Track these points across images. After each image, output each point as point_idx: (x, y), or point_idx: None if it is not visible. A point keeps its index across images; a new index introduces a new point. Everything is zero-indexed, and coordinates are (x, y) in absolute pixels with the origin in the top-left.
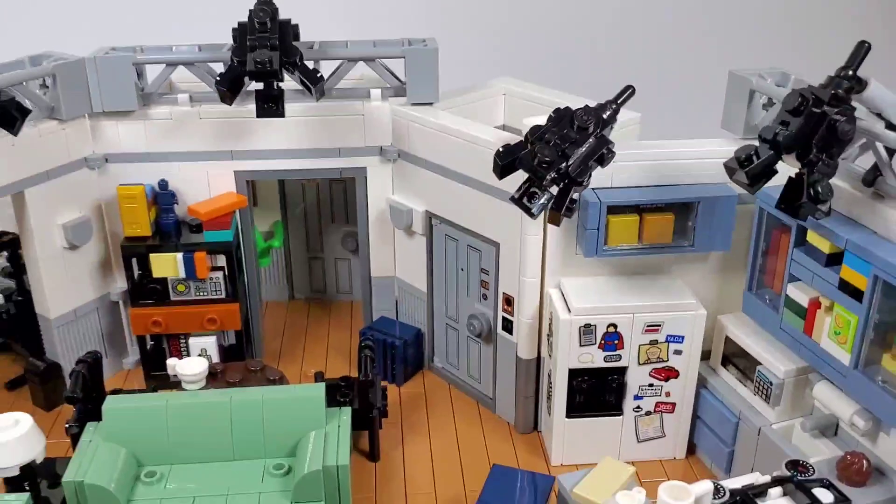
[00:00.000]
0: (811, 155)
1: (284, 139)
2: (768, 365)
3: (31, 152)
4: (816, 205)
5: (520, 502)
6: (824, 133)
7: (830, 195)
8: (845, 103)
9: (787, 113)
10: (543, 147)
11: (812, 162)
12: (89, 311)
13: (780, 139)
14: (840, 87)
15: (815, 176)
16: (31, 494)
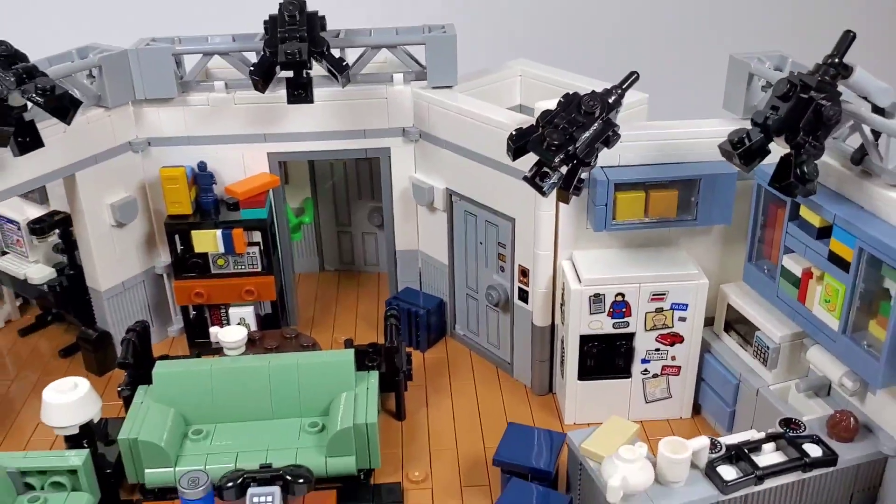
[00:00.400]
0: (798, 137)
1: (313, 122)
2: (766, 330)
3: (80, 138)
4: (803, 184)
5: (534, 457)
6: (811, 117)
7: (816, 175)
8: (831, 89)
9: (777, 98)
10: (553, 131)
11: (799, 144)
12: (136, 284)
13: (770, 123)
14: (827, 74)
15: (803, 157)
16: (89, 451)
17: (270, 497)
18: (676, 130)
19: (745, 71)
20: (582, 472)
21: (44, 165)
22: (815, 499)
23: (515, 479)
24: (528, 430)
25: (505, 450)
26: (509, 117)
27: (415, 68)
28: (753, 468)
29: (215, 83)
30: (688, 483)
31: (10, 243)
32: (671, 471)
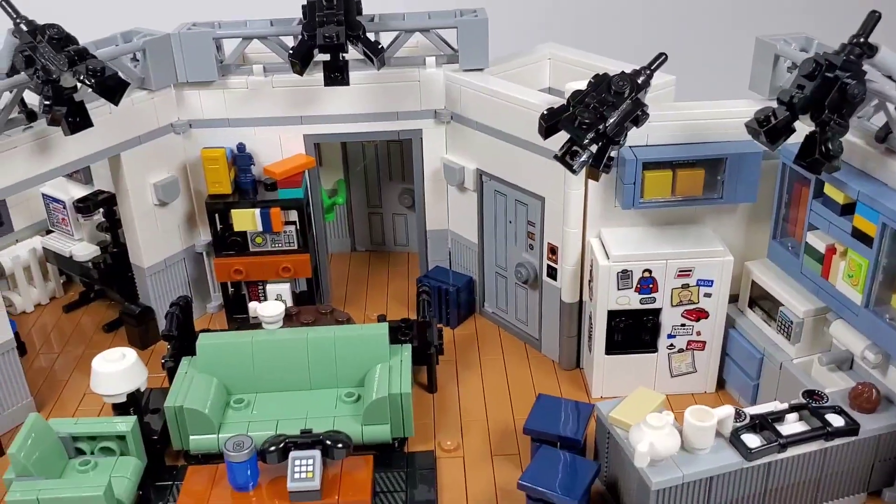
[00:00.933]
0: (824, 115)
1: (348, 105)
2: (789, 306)
3: (124, 119)
4: (828, 161)
5: (563, 426)
6: (836, 95)
7: (840, 151)
8: (857, 68)
9: (802, 77)
10: (583, 110)
11: (824, 122)
12: (177, 262)
13: (796, 101)
14: (852, 54)
15: (828, 134)
16: (137, 418)
17: (311, 460)
18: (703, 111)
19: (771, 52)
20: (610, 440)
21: (91, 145)
22: (837, 468)
23: (545, 447)
24: (557, 401)
25: (535, 419)
26: (540, 98)
27: (447, 52)
28: (777, 436)
29: (254, 67)
30: (713, 450)
31: (55, 222)
32: (697, 438)
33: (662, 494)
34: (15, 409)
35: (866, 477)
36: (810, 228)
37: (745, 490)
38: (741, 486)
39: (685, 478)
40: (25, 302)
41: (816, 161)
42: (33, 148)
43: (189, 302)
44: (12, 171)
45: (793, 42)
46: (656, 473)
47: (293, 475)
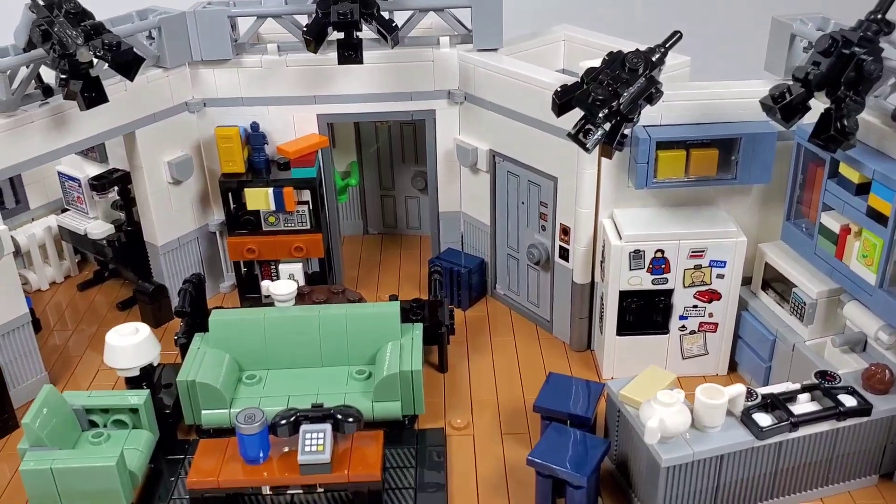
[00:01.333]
0: (839, 92)
1: (361, 85)
2: (803, 287)
3: (139, 97)
4: (844, 138)
5: (573, 404)
6: (852, 72)
7: (856, 129)
8: (873, 45)
9: (818, 54)
10: (597, 87)
11: (840, 98)
12: (190, 241)
13: (812, 77)
14: (869, 30)
15: (843, 111)
16: (149, 392)
17: (322, 434)
18: (718, 90)
19: (788, 32)
20: (620, 417)
21: (106, 122)
22: (849, 448)
23: (555, 424)
24: (567, 380)
25: (545, 397)
26: (554, 78)
27: (461, 31)
28: (788, 415)
29: (268, 45)
30: (724, 428)
31: (70, 200)
32: (708, 416)
33: (672, 472)
34: (30, 384)
35: (878, 459)
36: (825, 209)
37: (755, 469)
38: (752, 465)
39: (695, 455)
40: (40, 280)
41: (832, 138)
42: (49, 123)
43: (202, 279)
44: (28, 147)
45: (809, 22)
46: (666, 450)
47: (304, 448)
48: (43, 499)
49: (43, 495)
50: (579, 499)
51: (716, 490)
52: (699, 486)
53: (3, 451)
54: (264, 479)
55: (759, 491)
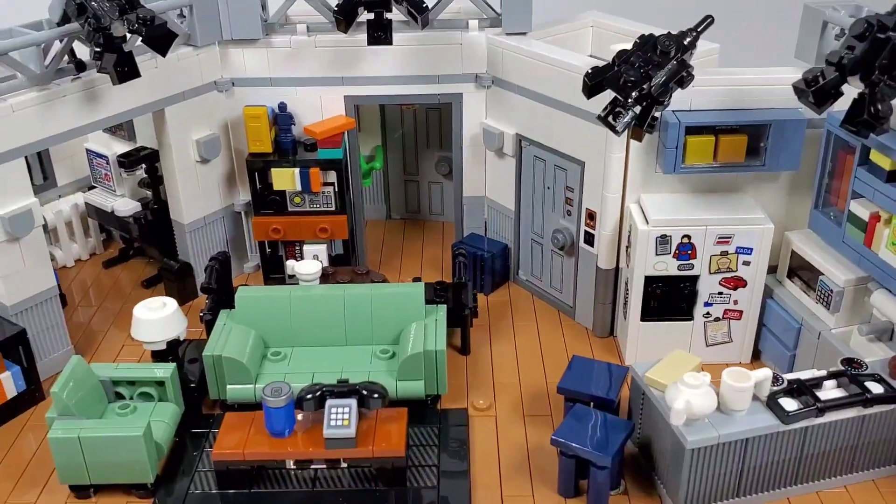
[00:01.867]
0: (874, 76)
1: (389, 67)
2: (830, 275)
3: (170, 75)
4: (877, 123)
5: (597, 386)
6: (887, 56)
7: (890, 113)
8: None
9: (853, 38)
10: (629, 69)
11: (874, 83)
12: (216, 219)
13: (845, 62)
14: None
15: (878, 95)
16: (175, 365)
17: (347, 409)
18: (748, 77)
19: (820, 19)
20: (645, 400)
21: (137, 98)
22: (874, 436)
23: (579, 406)
24: (591, 363)
25: (568, 379)
26: (583, 61)
27: (490, 14)
28: (815, 400)
29: (298, 26)
30: (749, 412)
31: (98, 178)
32: (734, 399)
33: (697, 454)
34: (56, 356)
35: None
36: (854, 196)
37: (780, 454)
38: (777, 449)
39: (721, 438)
40: (66, 256)
41: (865, 122)
42: (81, 98)
43: (228, 257)
44: (61, 120)
45: (842, 9)
46: (692, 432)
47: (329, 422)
48: (70, 467)
49: (70, 464)
50: (602, 479)
51: (740, 474)
52: (724, 469)
53: (31, 420)
54: (290, 452)
55: (783, 476)
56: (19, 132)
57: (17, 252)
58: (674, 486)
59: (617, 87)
